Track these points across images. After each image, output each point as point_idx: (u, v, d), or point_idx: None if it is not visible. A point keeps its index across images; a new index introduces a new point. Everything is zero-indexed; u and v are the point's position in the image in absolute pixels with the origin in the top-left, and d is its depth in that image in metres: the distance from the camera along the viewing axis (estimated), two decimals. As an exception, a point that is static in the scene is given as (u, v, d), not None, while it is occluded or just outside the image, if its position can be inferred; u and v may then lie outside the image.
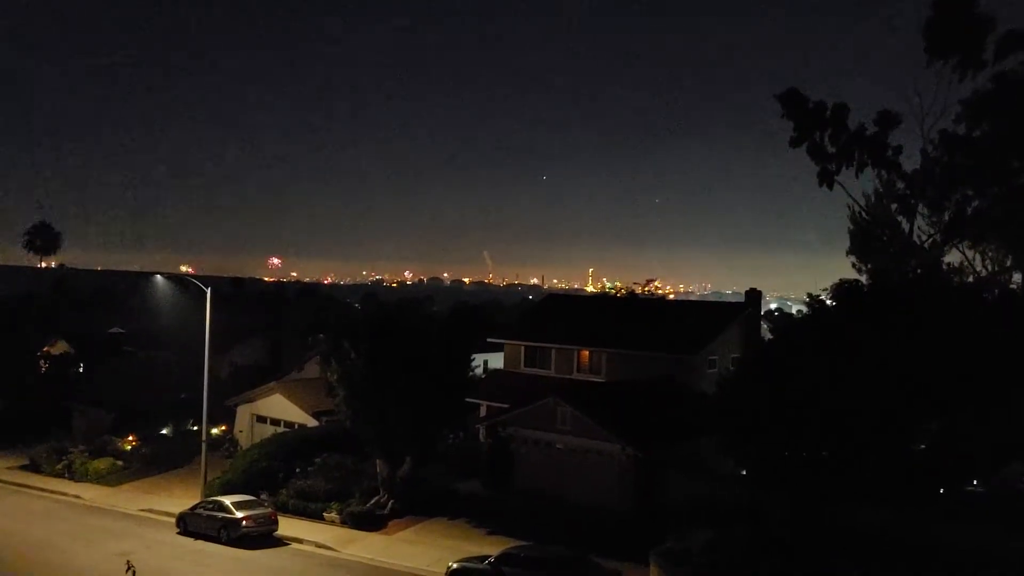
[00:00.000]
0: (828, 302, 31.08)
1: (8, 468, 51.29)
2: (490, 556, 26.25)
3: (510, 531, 31.56)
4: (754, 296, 46.46)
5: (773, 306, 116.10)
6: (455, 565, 26.64)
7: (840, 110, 42.39)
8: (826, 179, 43.56)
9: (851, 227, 46.34)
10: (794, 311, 67.06)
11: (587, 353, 44.01)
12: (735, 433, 28.85)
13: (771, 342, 35.64)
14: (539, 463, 35.88)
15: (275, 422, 47.36)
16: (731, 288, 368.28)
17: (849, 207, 46.00)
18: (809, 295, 32.05)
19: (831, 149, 42.97)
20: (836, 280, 31.62)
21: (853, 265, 46.24)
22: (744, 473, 31.47)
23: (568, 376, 43.54)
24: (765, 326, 49.51)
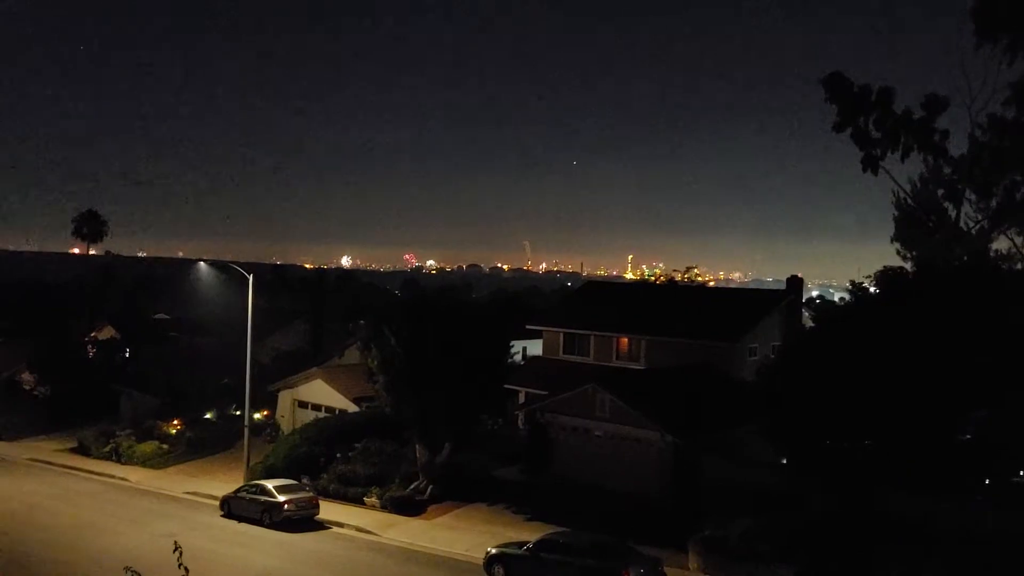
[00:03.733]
0: (872, 289, 30.66)
1: (57, 450, 52.51)
2: (529, 542, 26.31)
3: (548, 517, 31.61)
4: (795, 283, 45.95)
5: (815, 293, 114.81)
6: (494, 550, 26.73)
7: (886, 94, 41.57)
8: (870, 165, 42.77)
9: (896, 213, 45.58)
10: (836, 298, 66.27)
11: (626, 340, 43.85)
12: (776, 420, 28.62)
13: (813, 329, 35.30)
14: (577, 450, 35.87)
15: (316, 407, 47.86)
16: (771, 275, 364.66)
17: (894, 193, 45.23)
18: (852, 282, 31.64)
19: (876, 134, 42.14)
20: (880, 267, 31.18)
21: (898, 252, 45.50)
22: (784, 461, 31.23)
23: (607, 363, 43.42)
24: (807, 314, 48.99)
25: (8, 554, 30.01)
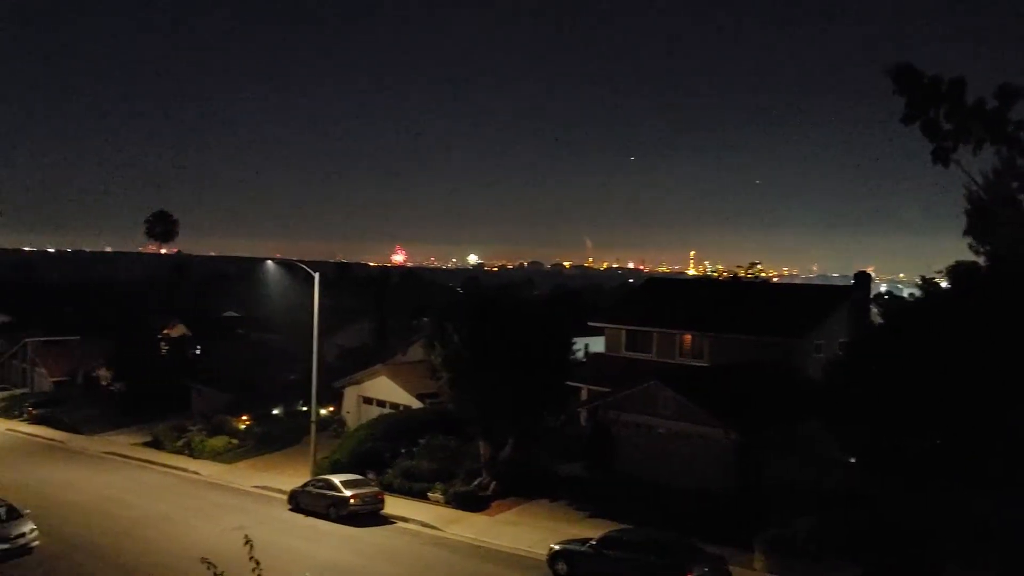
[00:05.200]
0: (943, 285, 29.94)
1: (132, 444, 54.13)
2: (592, 539, 26.30)
3: (611, 514, 31.53)
4: (863, 279, 45.04)
5: (883, 289, 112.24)
6: (557, 547, 26.78)
7: (957, 84, 40.43)
8: (941, 157, 41.65)
9: (967, 207, 44.26)
10: (906, 294, 64.75)
11: (689, 337, 43.50)
12: (843, 418, 28.14)
13: (882, 326, 34.59)
14: (640, 447, 35.73)
15: (381, 403, 48.45)
16: (837, 271, 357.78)
17: (965, 187, 43.90)
18: (923, 278, 30.92)
19: (947, 126, 41.05)
20: (951, 262, 30.41)
21: (970, 247, 44.12)
22: (852, 459, 30.70)
23: (670, 360, 43.13)
24: (875, 310, 47.94)
25: (87, 545, 31.10)
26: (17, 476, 44.21)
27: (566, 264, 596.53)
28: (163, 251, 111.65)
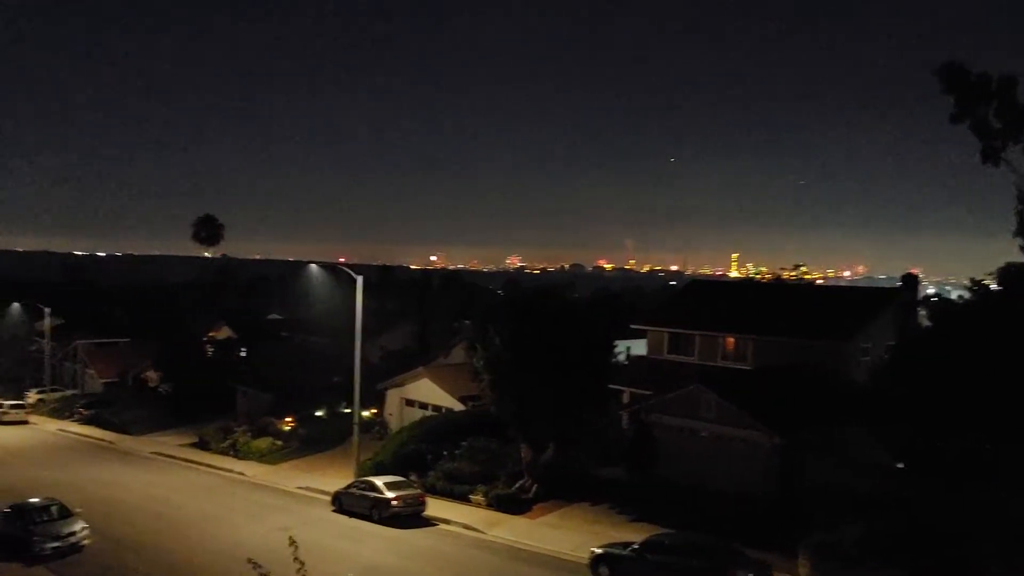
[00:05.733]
0: (992, 287, 29.38)
1: (179, 445, 55.00)
2: (634, 543, 26.19)
3: (652, 518, 31.39)
4: (910, 281, 44.33)
5: (931, 291, 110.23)
6: (599, 550, 26.70)
7: (1007, 83, 39.59)
8: (991, 157, 40.81)
9: (1018, 207, 43.37)
10: (954, 296, 63.50)
11: (732, 340, 43.10)
12: (890, 422, 27.71)
13: (930, 329, 34.02)
14: (682, 450, 35.49)
15: (423, 406, 48.65)
16: (883, 272, 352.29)
17: (1016, 186, 43.02)
18: (972, 279, 30.35)
19: (996, 124, 40.26)
20: (1000, 264, 29.82)
21: (1021, 248, 43.28)
22: (899, 464, 30.21)
23: (712, 363, 42.78)
24: (922, 312, 47.13)
25: (135, 544, 31.65)
26: (68, 476, 45.17)
27: (607, 266, 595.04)
28: (209, 254, 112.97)
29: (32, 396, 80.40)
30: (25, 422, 69.45)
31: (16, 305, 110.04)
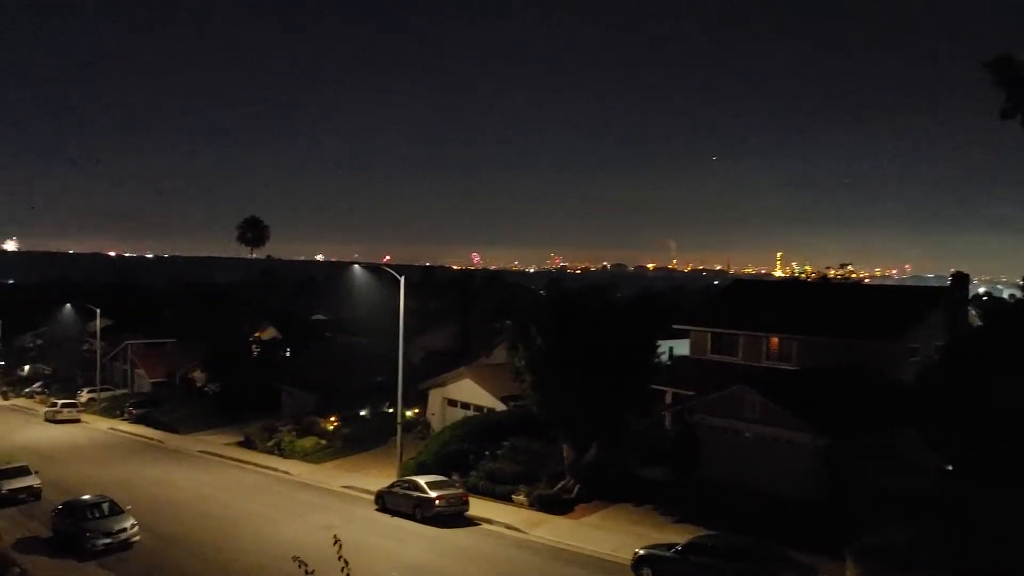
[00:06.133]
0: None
1: (226, 444, 55.75)
2: (677, 544, 26.00)
3: (696, 519, 31.15)
4: (960, 280, 43.45)
5: (981, 291, 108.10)
6: (642, 551, 26.56)
7: (1062, 76, 38.65)
8: (1043, 153, 39.89)
9: (1073, 203, 42.39)
10: (1006, 295, 62.19)
11: (777, 340, 42.65)
12: (940, 423, 27.22)
13: (981, 328, 33.38)
14: (726, 451, 35.18)
15: (465, 406, 48.79)
16: (932, 272, 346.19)
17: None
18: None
19: (1050, 119, 39.27)
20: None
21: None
22: (948, 466, 29.65)
23: (756, 363, 42.38)
24: (973, 312, 46.22)
25: (184, 541, 32.17)
26: (118, 473, 46.05)
27: (649, 266, 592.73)
28: (254, 255, 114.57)
29: (84, 395, 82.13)
30: (77, 421, 70.95)
31: (68, 306, 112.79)
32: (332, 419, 53.38)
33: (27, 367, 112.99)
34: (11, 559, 27.22)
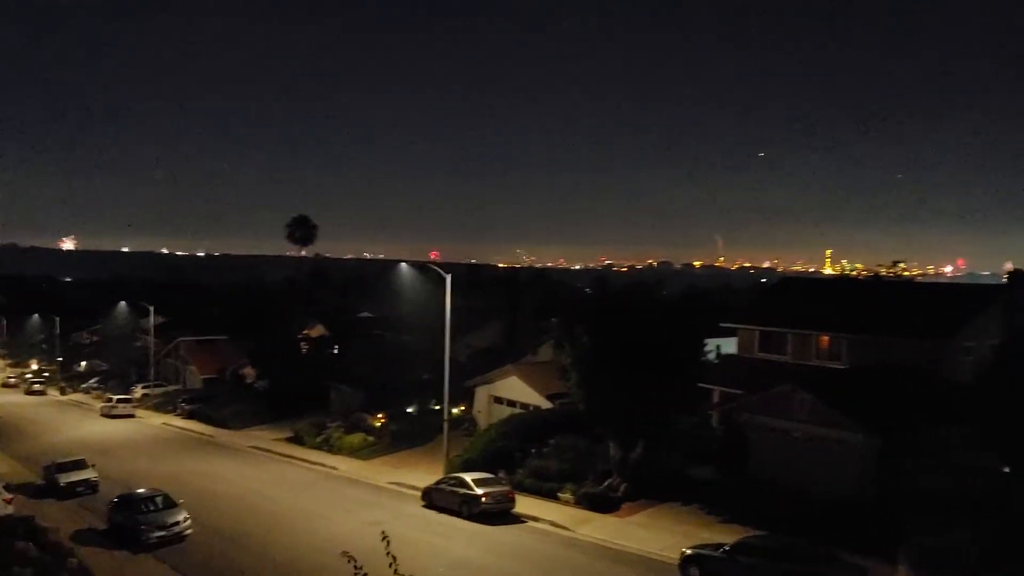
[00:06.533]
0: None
1: (275, 440, 56.54)
2: (725, 544, 25.79)
3: (744, 519, 30.87)
4: (1018, 277, 42.46)
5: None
6: (689, 551, 26.39)
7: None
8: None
9: None
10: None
11: (826, 338, 42.04)
12: (997, 424, 26.63)
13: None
14: (775, 451, 34.80)
15: (511, 403, 48.91)
16: (987, 269, 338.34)
17: None
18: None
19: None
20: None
21: None
22: (1005, 468, 29.00)
23: (805, 362, 41.82)
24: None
25: (235, 535, 32.70)
26: (171, 468, 46.96)
27: (696, 264, 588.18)
28: (303, 254, 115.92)
29: (138, 391, 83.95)
30: (132, 416, 72.51)
31: (123, 304, 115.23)
32: (379, 416, 53.84)
33: (84, 363, 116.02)
34: (69, 550, 27.89)
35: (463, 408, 52.38)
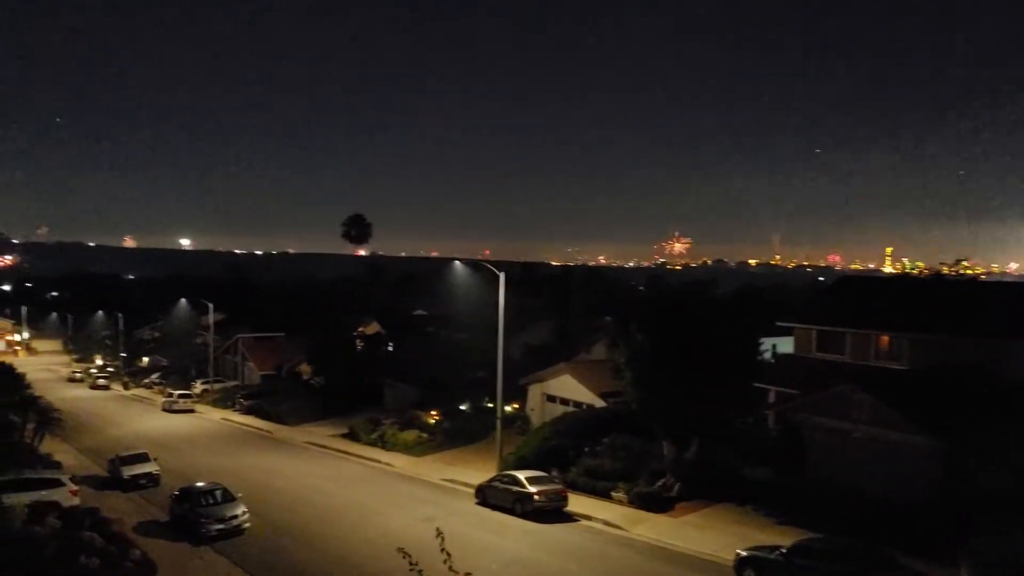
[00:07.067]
0: None
1: (331, 435, 57.25)
2: (782, 546, 25.44)
3: (801, 521, 30.43)
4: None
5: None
6: (744, 552, 26.10)
7: None
8: None
9: None
10: None
11: (887, 338, 41.20)
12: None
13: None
14: (832, 452, 34.23)
15: (564, 401, 48.86)
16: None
17: None
18: None
19: None
20: None
21: None
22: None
23: (865, 362, 41.03)
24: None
25: (292, 529, 33.19)
26: (230, 462, 47.85)
27: (752, 262, 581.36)
28: (359, 252, 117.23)
29: (198, 387, 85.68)
30: (192, 411, 74.07)
31: (183, 301, 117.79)
32: (433, 413, 54.19)
33: (146, 359, 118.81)
34: (131, 542, 28.60)
35: (516, 406, 52.46)
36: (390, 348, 75.50)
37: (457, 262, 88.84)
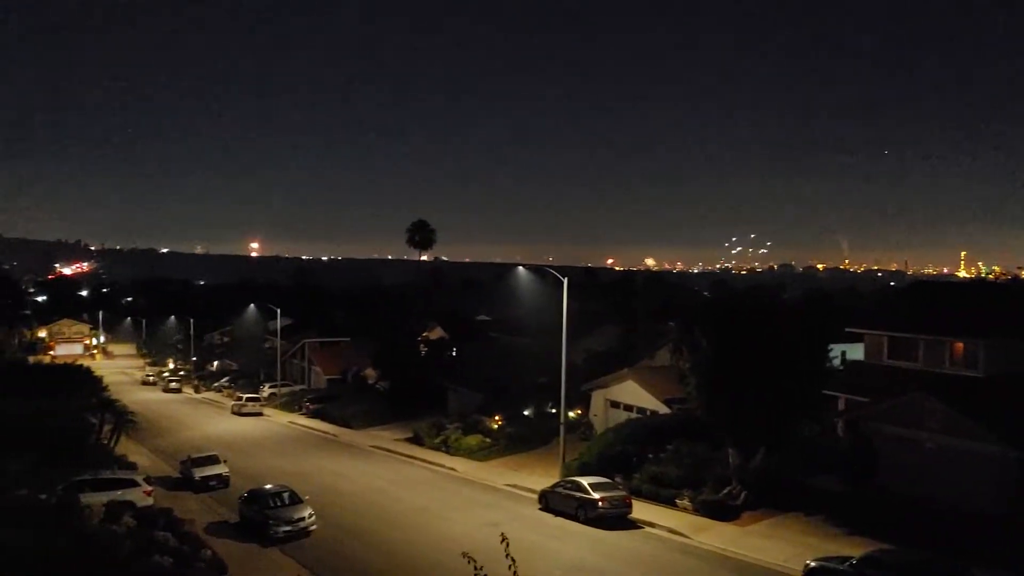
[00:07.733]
0: None
1: (395, 440, 57.76)
2: (852, 557, 24.90)
3: (871, 532, 29.73)
4: None
5: None
6: (813, 564, 25.62)
7: None
8: None
9: None
10: None
11: (961, 345, 40.02)
12: None
13: None
14: (903, 461, 33.40)
15: (627, 407, 48.55)
16: None
17: None
18: None
19: None
20: None
21: None
22: None
23: (937, 370, 39.87)
24: None
25: (357, 532, 33.60)
26: (297, 465, 48.63)
27: (819, 266, 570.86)
28: (423, 258, 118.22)
29: (266, 390, 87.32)
30: (260, 414, 75.50)
31: (252, 306, 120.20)
32: (497, 418, 54.28)
33: (216, 363, 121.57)
34: (203, 542, 29.26)
35: (579, 412, 52.28)
36: (453, 353, 75.88)
37: (520, 268, 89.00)
